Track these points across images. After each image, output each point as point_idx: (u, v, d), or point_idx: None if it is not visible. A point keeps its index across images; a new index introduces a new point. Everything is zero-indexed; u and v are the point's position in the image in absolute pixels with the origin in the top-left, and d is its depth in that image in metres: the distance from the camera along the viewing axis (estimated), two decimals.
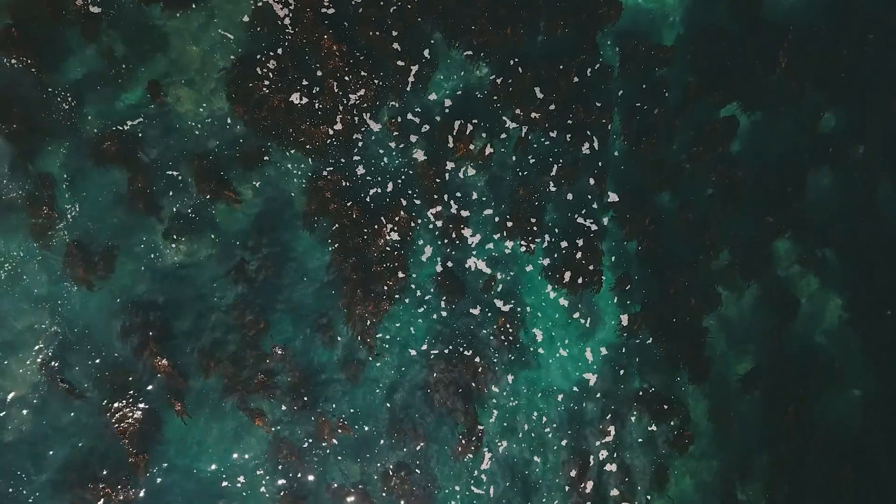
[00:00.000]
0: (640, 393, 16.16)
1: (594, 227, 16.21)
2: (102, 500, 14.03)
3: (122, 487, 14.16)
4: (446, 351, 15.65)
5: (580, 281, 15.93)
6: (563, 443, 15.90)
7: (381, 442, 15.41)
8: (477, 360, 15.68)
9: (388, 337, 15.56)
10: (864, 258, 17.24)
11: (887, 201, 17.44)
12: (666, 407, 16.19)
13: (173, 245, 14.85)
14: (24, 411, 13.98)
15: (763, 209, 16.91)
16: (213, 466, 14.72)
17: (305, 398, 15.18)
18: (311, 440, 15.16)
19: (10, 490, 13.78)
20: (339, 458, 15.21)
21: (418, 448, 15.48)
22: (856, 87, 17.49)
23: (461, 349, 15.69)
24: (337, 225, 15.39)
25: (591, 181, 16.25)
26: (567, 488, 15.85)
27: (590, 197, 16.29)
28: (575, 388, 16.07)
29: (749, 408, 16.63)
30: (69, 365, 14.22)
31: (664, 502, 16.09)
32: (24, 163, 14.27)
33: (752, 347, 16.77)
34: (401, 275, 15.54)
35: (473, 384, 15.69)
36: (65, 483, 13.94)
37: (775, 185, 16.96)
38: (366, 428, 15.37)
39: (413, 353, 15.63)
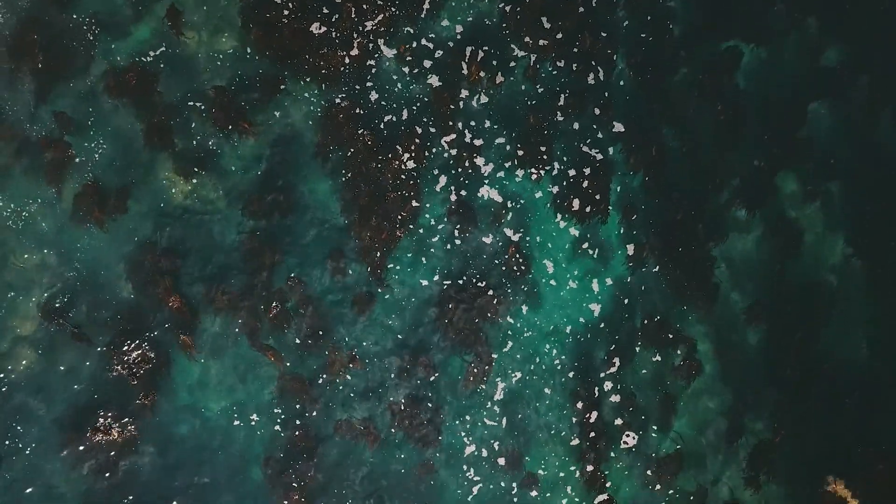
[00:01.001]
0: (646, 322, 16.55)
1: (600, 157, 16.61)
2: (109, 438, 14.24)
3: (129, 426, 14.41)
4: (459, 282, 16.03)
5: (588, 210, 16.34)
6: (571, 374, 16.32)
7: (392, 375, 15.78)
8: (489, 290, 16.08)
9: (399, 268, 15.93)
10: (867, 191, 17.64)
11: (890, 133, 17.89)
12: (672, 336, 16.60)
13: (186, 183, 15.13)
14: (33, 351, 14.22)
15: (767, 142, 17.32)
16: (223, 404, 15.02)
17: (317, 332, 15.49)
18: (322, 375, 15.49)
19: (19, 428, 14.03)
20: (350, 392, 15.58)
21: (429, 380, 15.89)
22: (858, 20, 17.85)
23: (474, 280, 16.08)
24: (351, 151, 15.73)
25: (597, 111, 16.64)
26: (574, 419, 16.27)
27: (595, 127, 16.67)
28: (582, 319, 16.46)
29: (754, 341, 17.05)
30: (78, 306, 14.43)
31: (671, 436, 16.49)
32: (41, 102, 14.54)
33: (757, 280, 17.15)
34: (414, 203, 15.91)
35: (485, 315, 16.07)
36: (72, 422, 14.19)
37: (778, 118, 17.37)
38: (377, 361, 15.75)
39: (425, 283, 15.98)
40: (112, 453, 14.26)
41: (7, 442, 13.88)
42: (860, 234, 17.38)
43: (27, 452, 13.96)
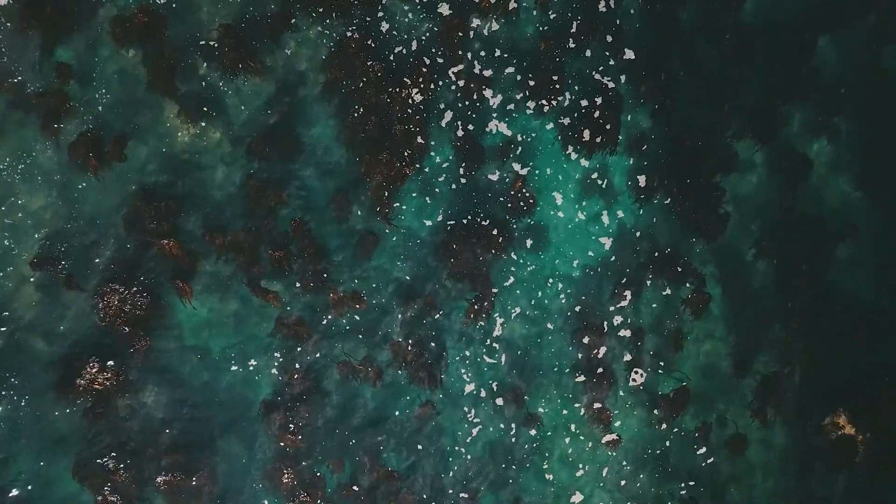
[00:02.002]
0: (656, 254, 16.40)
1: (612, 86, 16.16)
2: (106, 378, 14.00)
3: (126, 367, 14.21)
4: (464, 220, 15.72)
5: (598, 140, 15.98)
6: (577, 308, 16.20)
7: (394, 315, 15.58)
8: (494, 228, 15.78)
9: (404, 208, 15.58)
10: (876, 123, 17.41)
11: None
12: (681, 270, 16.50)
13: (190, 127, 14.59)
14: (35, 293, 13.92)
15: (775, 73, 17.00)
16: (222, 348, 14.79)
17: (320, 274, 15.20)
18: (323, 317, 15.27)
19: (20, 369, 13.84)
20: (351, 333, 15.38)
21: (431, 320, 15.69)
22: None
23: (479, 218, 15.76)
24: (360, 84, 15.18)
25: (609, 38, 16.14)
26: (579, 356, 16.23)
27: (607, 54, 16.16)
28: (590, 253, 16.29)
29: (762, 275, 17.02)
30: (77, 252, 14.06)
31: (677, 374, 16.54)
32: (45, 53, 13.83)
33: (765, 214, 17.04)
34: (420, 140, 15.47)
35: (490, 252, 15.82)
36: (71, 362, 13.98)
37: (787, 49, 17.00)
38: (379, 301, 15.51)
39: (429, 223, 15.67)
40: (109, 394, 14.05)
41: (7, 386, 13.70)
42: (868, 167, 17.25)
43: (28, 394, 13.77)
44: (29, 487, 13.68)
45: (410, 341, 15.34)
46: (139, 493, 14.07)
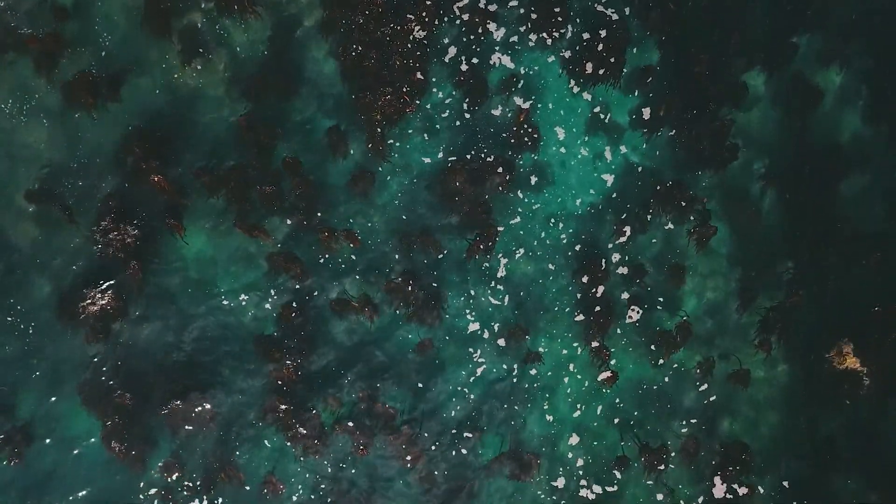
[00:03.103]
0: (658, 188, 16.16)
1: (616, 17, 15.77)
2: (104, 306, 14.24)
3: (122, 297, 14.44)
4: (466, 156, 15.54)
5: (602, 73, 15.68)
6: (578, 248, 16.10)
7: (392, 253, 15.52)
8: (497, 165, 15.60)
9: (402, 145, 15.41)
10: (887, 52, 16.91)
11: None
12: (684, 204, 16.27)
13: (185, 66, 14.54)
14: (34, 227, 14.17)
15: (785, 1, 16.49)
16: (215, 283, 14.89)
17: (314, 212, 15.17)
18: (319, 255, 15.26)
19: (20, 302, 14.15)
20: (348, 270, 15.38)
21: (431, 258, 15.61)
22: None
23: (481, 155, 15.56)
24: (360, 20, 14.90)
25: None
26: (578, 295, 16.16)
27: None
28: (593, 190, 16.10)
29: (769, 207, 16.75)
30: (74, 189, 14.24)
31: (679, 312, 16.42)
32: None
33: (773, 144, 16.72)
34: (420, 76, 15.17)
35: (492, 189, 15.66)
36: (70, 294, 14.24)
37: None
38: (377, 239, 15.44)
39: (427, 160, 15.50)
40: (111, 319, 14.36)
41: (13, 314, 14.05)
42: (880, 97, 16.82)
43: (33, 322, 14.13)
44: (36, 414, 14.15)
45: (409, 279, 15.29)
46: (144, 419, 14.46)
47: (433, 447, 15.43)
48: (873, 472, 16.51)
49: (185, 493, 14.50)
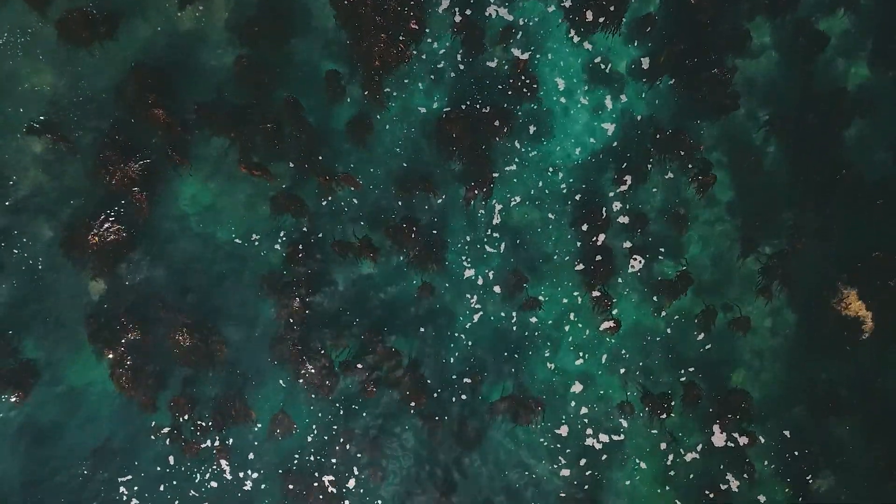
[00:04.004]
0: (659, 137, 16.17)
1: None
2: (107, 241, 14.60)
3: (126, 232, 14.79)
4: (462, 106, 15.72)
5: (602, 21, 15.70)
6: (577, 197, 16.23)
7: (389, 197, 15.81)
8: (494, 115, 15.72)
9: (399, 94, 15.63)
10: None
11: None
12: (683, 153, 16.29)
13: (185, 8, 14.84)
14: (38, 169, 14.59)
15: None
16: (217, 222, 15.30)
17: (315, 155, 15.46)
18: (320, 196, 15.59)
19: (25, 241, 14.63)
20: (349, 213, 15.69)
21: (430, 204, 15.87)
22: None
23: (478, 104, 15.74)
24: None
25: None
26: (578, 244, 16.32)
27: None
28: (593, 140, 16.21)
29: (772, 155, 16.70)
30: (77, 125, 14.62)
31: (678, 260, 16.50)
32: None
33: (777, 91, 16.63)
34: (415, 26, 15.28)
35: (489, 138, 15.83)
36: (73, 232, 14.66)
37: None
38: (379, 184, 15.72)
39: (423, 110, 15.73)
40: (113, 259, 14.79)
41: (21, 248, 14.57)
42: (886, 40, 16.59)
43: (35, 267, 14.61)
44: (42, 353, 14.72)
45: (408, 224, 15.57)
46: (152, 355, 14.99)
47: (436, 393, 15.86)
48: (872, 419, 16.56)
49: (197, 432, 15.13)
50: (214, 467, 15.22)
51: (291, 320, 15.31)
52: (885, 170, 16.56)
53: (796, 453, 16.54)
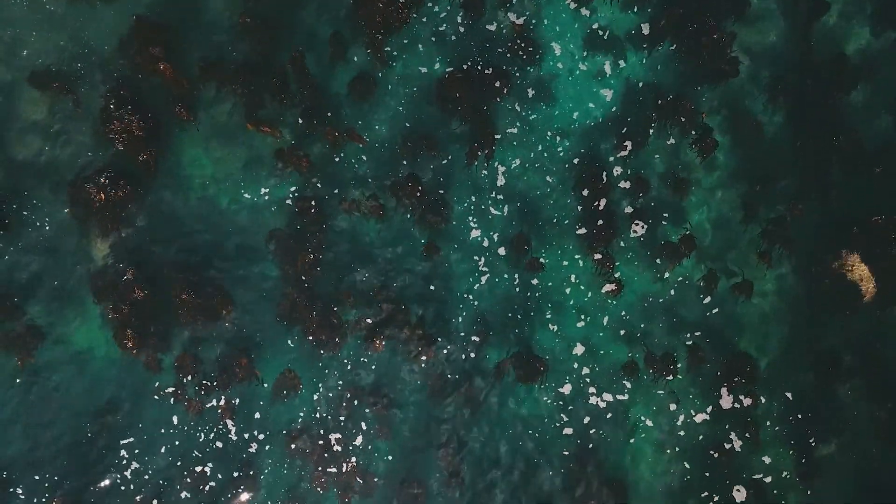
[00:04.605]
0: (659, 102, 16.47)
1: None
2: (112, 197, 14.80)
3: (130, 187, 14.98)
4: (463, 67, 16.06)
5: None
6: (576, 161, 16.49)
7: (395, 156, 16.09)
8: (495, 77, 16.05)
9: (400, 54, 15.99)
10: None
11: None
12: (685, 119, 16.53)
13: None
14: (40, 137, 14.94)
15: None
16: (226, 181, 15.57)
17: (321, 113, 15.74)
18: (326, 153, 15.86)
19: (30, 201, 14.95)
20: (354, 170, 15.95)
21: (433, 164, 16.13)
22: None
23: (478, 67, 16.08)
24: None
25: None
26: (579, 208, 16.51)
27: None
28: (592, 105, 16.52)
29: (773, 119, 16.93)
30: (81, 79, 14.97)
31: (680, 224, 16.65)
32: None
33: (778, 57, 16.90)
34: None
35: (490, 99, 16.13)
36: (78, 190, 14.88)
37: None
38: (383, 142, 16.01)
39: (424, 70, 16.09)
40: (119, 216, 15.00)
41: (29, 208, 14.82)
42: (887, 4, 16.79)
43: (42, 228, 14.85)
44: (48, 316, 14.88)
45: (413, 182, 15.81)
46: (158, 313, 15.13)
47: (445, 350, 15.98)
48: (874, 382, 16.59)
49: (202, 391, 15.21)
50: (219, 427, 15.32)
51: (299, 278, 15.50)
52: (886, 136, 16.78)
53: (800, 416, 16.55)
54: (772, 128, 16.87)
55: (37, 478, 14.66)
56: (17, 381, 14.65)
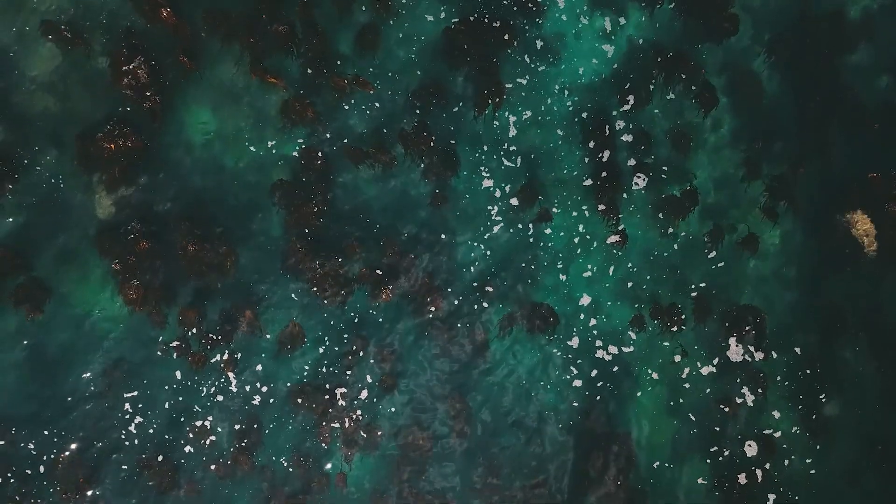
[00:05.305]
0: (660, 60, 16.70)
1: None
2: (119, 146, 14.64)
3: (138, 137, 14.80)
4: (469, 18, 16.19)
5: None
6: (584, 115, 16.66)
7: (404, 106, 16.04)
8: (502, 29, 16.20)
9: (411, 3, 16.05)
10: None
11: None
12: (685, 76, 16.78)
13: None
14: (47, 93, 14.67)
15: None
16: (229, 126, 15.37)
17: (329, 62, 15.71)
18: (331, 100, 15.78)
19: (44, 136, 14.68)
20: (361, 118, 15.86)
21: (442, 109, 16.11)
22: None
23: (484, 18, 16.23)
24: None
25: None
26: (587, 159, 16.62)
27: None
28: (595, 60, 16.75)
29: (773, 77, 17.21)
30: (86, 29, 14.79)
31: (684, 177, 16.78)
32: None
33: (778, 15, 17.09)
34: None
35: (497, 49, 16.23)
36: (84, 145, 14.70)
37: None
38: (391, 92, 16.00)
39: (430, 18, 16.16)
40: (124, 169, 14.77)
41: (38, 169, 14.62)
42: None
43: (50, 180, 14.59)
44: (54, 272, 14.61)
45: (421, 129, 15.82)
46: (162, 265, 14.93)
47: (456, 301, 15.91)
48: (877, 340, 16.74)
49: (207, 346, 14.99)
50: (222, 381, 15.06)
51: (304, 230, 15.41)
52: (885, 94, 17.15)
53: (808, 372, 16.60)
54: (772, 87, 17.19)
55: (45, 433, 14.37)
56: (24, 342, 14.36)
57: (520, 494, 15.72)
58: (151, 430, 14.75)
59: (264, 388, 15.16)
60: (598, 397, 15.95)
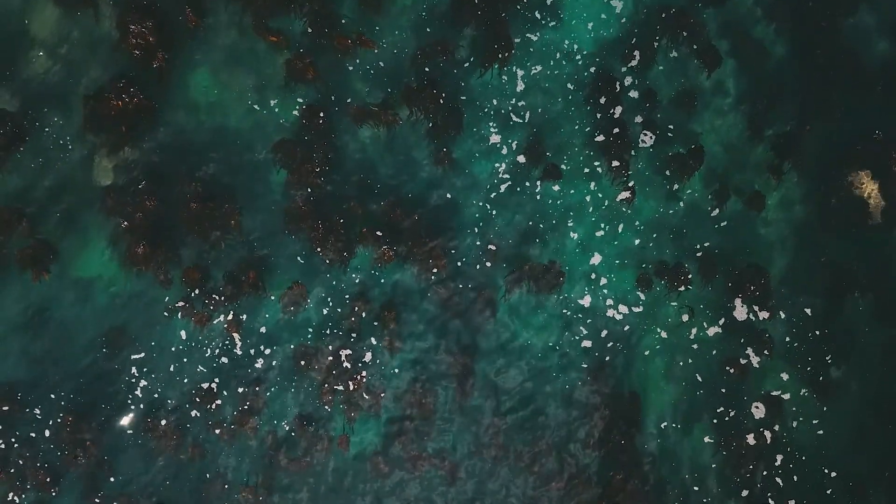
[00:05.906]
0: (664, 16, 16.54)
1: None
2: (125, 103, 14.48)
3: (142, 96, 14.62)
4: None
5: None
6: (592, 70, 16.51)
7: (410, 63, 15.82)
8: None
9: None
10: None
11: None
12: (686, 34, 16.62)
13: None
14: (48, 56, 14.56)
15: None
16: (232, 87, 15.25)
17: (331, 20, 15.42)
18: (334, 59, 15.58)
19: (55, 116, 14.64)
20: (364, 75, 15.70)
21: (449, 64, 15.93)
22: None
23: None
24: None
25: None
26: (598, 115, 16.43)
27: None
28: (603, 16, 16.53)
29: (775, 37, 17.07)
30: None
31: (690, 136, 16.63)
32: None
33: None
34: None
35: (506, 4, 16.01)
36: (91, 105, 14.51)
37: None
38: (405, 48, 15.79)
39: None
40: (131, 127, 14.60)
41: (47, 131, 14.48)
42: None
43: (58, 141, 14.48)
44: (59, 237, 14.54)
45: (427, 85, 15.60)
46: (168, 223, 14.82)
47: (459, 263, 15.75)
48: (883, 301, 16.73)
49: (210, 306, 14.85)
50: (226, 342, 14.96)
51: (308, 189, 15.23)
52: (885, 57, 17.12)
53: (816, 333, 16.56)
54: (776, 49, 17.09)
55: (52, 396, 14.30)
56: (29, 305, 14.25)
57: (525, 455, 15.72)
58: (156, 394, 14.69)
59: (268, 351, 15.04)
60: (606, 357, 15.88)
